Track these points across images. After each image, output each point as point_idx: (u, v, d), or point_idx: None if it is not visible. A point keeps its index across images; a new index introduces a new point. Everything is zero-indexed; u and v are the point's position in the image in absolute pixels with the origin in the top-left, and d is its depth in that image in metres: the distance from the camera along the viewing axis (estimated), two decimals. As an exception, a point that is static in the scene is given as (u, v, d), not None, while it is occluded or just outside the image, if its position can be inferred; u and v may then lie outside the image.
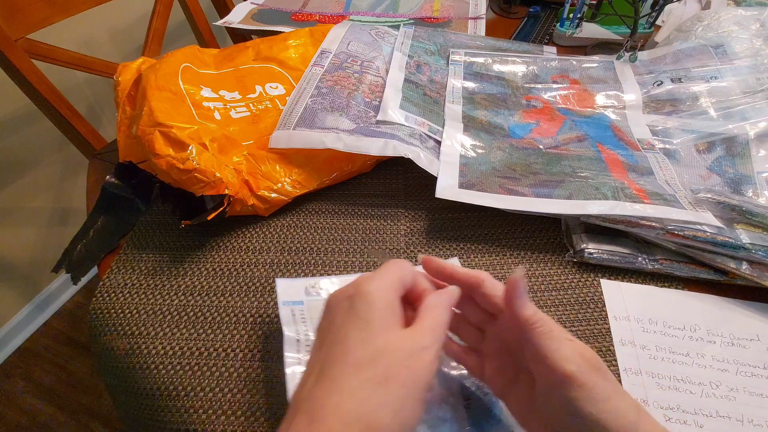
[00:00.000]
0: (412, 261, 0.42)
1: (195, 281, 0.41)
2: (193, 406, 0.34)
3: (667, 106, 0.54)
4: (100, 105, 1.21)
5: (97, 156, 0.57)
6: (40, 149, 1.11)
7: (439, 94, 0.57)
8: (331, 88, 0.52)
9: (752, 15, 0.59)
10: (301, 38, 0.61)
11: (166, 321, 0.39)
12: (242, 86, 0.54)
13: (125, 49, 1.23)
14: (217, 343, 0.37)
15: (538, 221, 0.45)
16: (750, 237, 0.39)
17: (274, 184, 0.45)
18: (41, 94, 0.68)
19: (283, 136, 0.47)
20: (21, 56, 0.65)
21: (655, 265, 0.40)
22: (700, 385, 0.34)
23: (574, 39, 0.71)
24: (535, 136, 0.52)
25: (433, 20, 0.76)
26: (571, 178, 0.45)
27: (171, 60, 0.51)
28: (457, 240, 0.44)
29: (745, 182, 0.45)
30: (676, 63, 0.57)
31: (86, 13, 0.76)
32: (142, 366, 0.36)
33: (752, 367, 0.35)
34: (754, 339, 0.36)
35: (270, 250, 0.44)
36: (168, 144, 0.41)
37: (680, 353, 0.35)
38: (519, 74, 0.60)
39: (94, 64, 0.76)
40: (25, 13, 0.65)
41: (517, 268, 0.28)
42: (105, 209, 0.47)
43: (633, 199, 0.41)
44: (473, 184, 0.45)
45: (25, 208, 1.13)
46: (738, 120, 0.49)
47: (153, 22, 0.83)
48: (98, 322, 0.39)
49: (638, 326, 0.37)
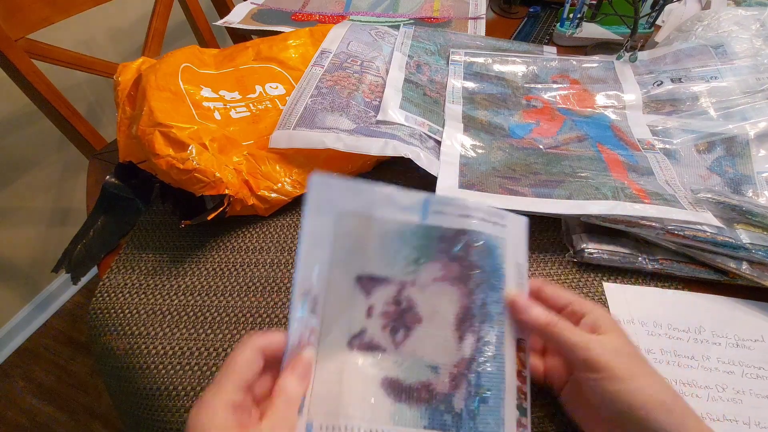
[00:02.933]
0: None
1: (195, 281, 0.41)
2: (193, 406, 0.34)
3: (667, 106, 0.54)
4: (100, 105, 1.21)
5: (97, 156, 0.57)
6: (40, 149, 1.11)
7: (439, 94, 0.57)
8: (331, 88, 0.52)
9: (752, 15, 0.59)
10: (301, 38, 0.61)
11: (166, 321, 0.39)
12: (242, 86, 0.54)
13: (125, 49, 1.23)
14: (217, 343, 0.37)
15: (538, 221, 0.45)
16: (750, 237, 0.39)
17: (274, 184, 0.45)
18: (41, 93, 0.68)
19: (283, 136, 0.47)
20: (21, 56, 0.65)
21: (655, 265, 0.40)
22: (706, 388, 0.33)
23: (574, 39, 0.71)
24: (535, 136, 0.52)
25: (433, 20, 0.76)
26: (571, 178, 0.45)
27: (171, 60, 0.51)
28: (457, 240, 0.44)
29: (745, 182, 0.45)
30: (676, 63, 0.57)
31: (86, 13, 0.76)
32: (142, 366, 0.36)
33: (757, 369, 0.34)
34: (758, 340, 0.36)
35: (270, 250, 0.44)
36: (168, 144, 0.41)
37: (685, 356, 0.35)
38: (519, 74, 0.60)
39: (94, 64, 0.76)
40: (25, 13, 0.65)
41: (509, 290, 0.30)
42: (105, 209, 0.47)
43: (633, 199, 0.41)
44: (473, 184, 0.45)
45: (25, 208, 1.13)
46: (738, 120, 0.49)
47: (153, 22, 0.83)
48: (98, 322, 0.39)
49: (643, 329, 0.37)
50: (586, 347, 0.27)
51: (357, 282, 0.29)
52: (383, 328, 0.29)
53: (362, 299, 0.29)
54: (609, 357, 0.26)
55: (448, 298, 0.30)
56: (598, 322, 0.28)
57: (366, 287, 0.29)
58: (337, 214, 0.29)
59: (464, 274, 0.30)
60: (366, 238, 0.29)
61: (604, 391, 0.26)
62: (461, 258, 0.30)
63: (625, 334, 0.28)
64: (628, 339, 0.28)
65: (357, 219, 0.29)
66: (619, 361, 0.26)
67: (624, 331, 0.29)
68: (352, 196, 0.30)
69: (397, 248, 0.30)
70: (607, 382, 0.26)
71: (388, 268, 0.30)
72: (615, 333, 0.28)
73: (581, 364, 0.27)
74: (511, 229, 0.32)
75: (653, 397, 0.25)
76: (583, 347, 0.27)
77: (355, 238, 0.29)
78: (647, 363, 0.27)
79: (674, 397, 0.25)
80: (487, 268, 0.30)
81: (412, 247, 0.30)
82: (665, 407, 0.25)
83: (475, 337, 0.29)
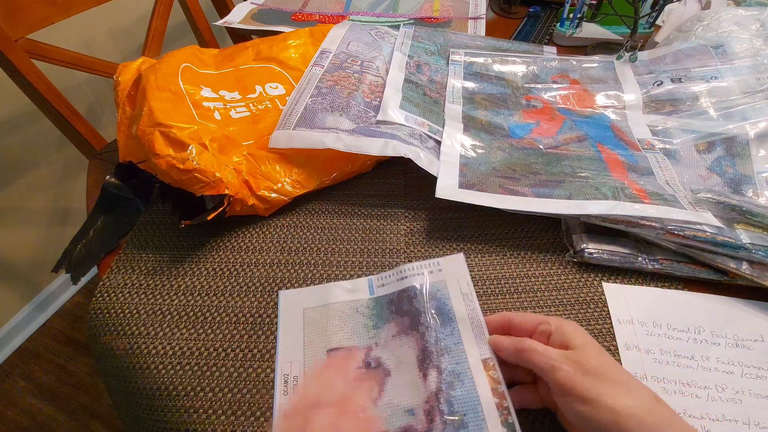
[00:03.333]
0: (413, 261, 0.41)
1: (195, 281, 0.41)
2: (193, 406, 0.34)
3: (667, 106, 0.54)
4: (100, 105, 1.21)
5: (97, 156, 0.57)
6: (40, 149, 1.11)
7: (439, 94, 0.57)
8: (331, 88, 0.52)
9: (752, 15, 0.59)
10: (301, 38, 0.61)
11: (166, 321, 0.39)
12: (242, 86, 0.54)
13: (125, 49, 1.23)
14: (217, 343, 0.37)
15: (538, 221, 0.45)
16: (750, 237, 0.39)
17: (274, 184, 0.45)
18: (41, 94, 0.68)
19: (283, 136, 0.47)
20: (21, 56, 0.65)
21: (655, 265, 0.40)
22: (705, 388, 0.33)
23: (574, 39, 0.71)
24: (535, 136, 0.52)
25: (433, 20, 0.76)
26: (571, 178, 0.45)
27: (171, 60, 0.51)
28: (457, 240, 0.44)
29: (745, 182, 0.45)
30: (676, 63, 0.57)
31: (86, 13, 0.76)
32: (142, 366, 0.36)
33: (757, 369, 0.34)
34: (758, 339, 0.36)
35: (270, 250, 0.44)
36: (168, 144, 0.41)
37: (685, 356, 0.35)
38: (519, 74, 0.60)
39: (94, 64, 0.76)
40: (25, 13, 0.65)
41: (489, 339, 0.32)
42: (105, 209, 0.47)
43: (633, 199, 0.41)
44: (473, 184, 0.45)
45: (25, 208, 1.13)
46: (738, 120, 0.49)
47: (153, 22, 0.83)
48: (98, 322, 0.39)
49: (642, 330, 0.37)
50: (551, 370, 0.27)
51: (328, 355, 0.35)
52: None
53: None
54: (573, 379, 0.26)
55: (407, 346, 0.34)
56: (566, 338, 0.29)
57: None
58: (302, 310, 0.38)
59: (414, 322, 0.35)
60: (327, 320, 0.37)
61: (575, 411, 0.26)
62: (408, 311, 0.36)
63: (592, 346, 0.28)
64: (597, 350, 0.28)
65: (317, 309, 0.38)
66: (585, 380, 0.26)
67: (592, 342, 0.29)
68: (310, 295, 0.39)
69: (357, 321, 0.37)
70: (576, 403, 0.26)
71: (353, 338, 0.36)
72: (581, 348, 0.28)
73: (552, 387, 0.27)
74: (449, 268, 0.38)
75: (623, 413, 0.25)
76: (548, 370, 0.27)
77: (319, 323, 0.37)
78: (617, 374, 0.27)
79: (649, 408, 0.25)
80: (432, 310, 0.35)
81: (368, 317, 0.37)
82: (636, 420, 0.25)
83: (436, 370, 0.32)
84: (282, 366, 0.35)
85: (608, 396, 0.25)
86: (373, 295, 0.38)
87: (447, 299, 0.36)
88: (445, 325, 0.34)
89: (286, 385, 0.34)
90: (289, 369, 0.35)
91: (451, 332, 0.34)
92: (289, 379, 0.34)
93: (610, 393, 0.26)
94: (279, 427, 0.32)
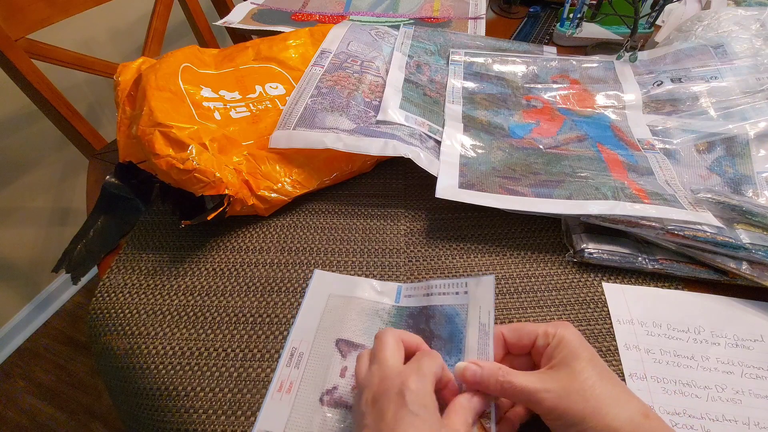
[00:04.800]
0: (413, 261, 0.42)
1: (195, 281, 0.41)
2: (193, 406, 0.34)
3: (667, 106, 0.54)
4: (100, 105, 1.21)
5: (97, 156, 0.57)
6: (40, 149, 1.11)
7: (439, 94, 0.57)
8: (331, 88, 0.52)
9: (752, 15, 0.59)
10: (301, 38, 0.61)
11: (166, 321, 0.39)
12: (242, 86, 0.54)
13: (125, 49, 1.23)
14: (217, 343, 0.37)
15: (538, 221, 0.45)
16: (750, 237, 0.39)
17: (274, 184, 0.45)
18: (41, 94, 0.68)
19: (283, 136, 0.47)
20: (21, 56, 0.65)
21: (655, 265, 0.40)
22: (705, 388, 0.33)
23: (574, 39, 0.71)
24: (535, 136, 0.52)
25: (433, 20, 0.76)
26: (571, 178, 0.45)
27: (171, 60, 0.51)
28: (457, 240, 0.44)
29: (745, 182, 0.45)
30: (676, 63, 0.57)
31: (86, 13, 0.76)
32: (142, 366, 0.36)
33: (757, 369, 0.34)
34: (758, 339, 0.36)
35: (270, 250, 0.44)
36: (168, 144, 0.41)
37: (685, 356, 0.35)
38: (519, 74, 0.60)
39: (94, 64, 0.76)
40: (25, 13, 0.65)
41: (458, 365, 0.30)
42: (105, 209, 0.47)
43: (633, 199, 0.41)
44: (473, 184, 0.45)
45: (25, 208, 1.13)
46: (738, 120, 0.49)
47: (153, 22, 0.83)
48: (98, 322, 0.39)
49: (642, 330, 0.37)
50: (535, 393, 0.26)
51: (336, 344, 0.36)
52: (353, 387, 0.33)
53: (339, 360, 0.35)
54: (557, 402, 0.26)
55: None
56: (556, 352, 0.28)
57: (343, 350, 0.35)
58: (328, 295, 0.39)
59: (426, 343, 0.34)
60: (346, 312, 0.38)
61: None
62: (422, 330, 0.35)
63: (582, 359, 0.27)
64: (586, 364, 0.27)
65: (341, 299, 0.39)
66: (569, 402, 0.26)
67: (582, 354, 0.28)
68: (340, 282, 0.40)
69: (373, 323, 0.37)
70: (563, 427, 0.26)
71: (364, 336, 0.36)
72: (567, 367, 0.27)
73: (540, 412, 0.27)
74: (475, 291, 0.35)
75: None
76: (532, 397, 0.27)
77: (339, 312, 0.38)
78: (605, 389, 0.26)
79: (636, 422, 0.25)
80: (444, 335, 0.34)
81: (385, 323, 0.37)
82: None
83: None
84: (293, 339, 0.36)
85: (595, 415, 0.25)
86: (398, 304, 0.38)
87: (463, 327, 0.33)
88: (452, 355, 0.32)
89: (291, 358, 0.35)
90: (298, 344, 0.36)
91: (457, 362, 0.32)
92: (295, 353, 0.36)
93: (596, 412, 0.25)
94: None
